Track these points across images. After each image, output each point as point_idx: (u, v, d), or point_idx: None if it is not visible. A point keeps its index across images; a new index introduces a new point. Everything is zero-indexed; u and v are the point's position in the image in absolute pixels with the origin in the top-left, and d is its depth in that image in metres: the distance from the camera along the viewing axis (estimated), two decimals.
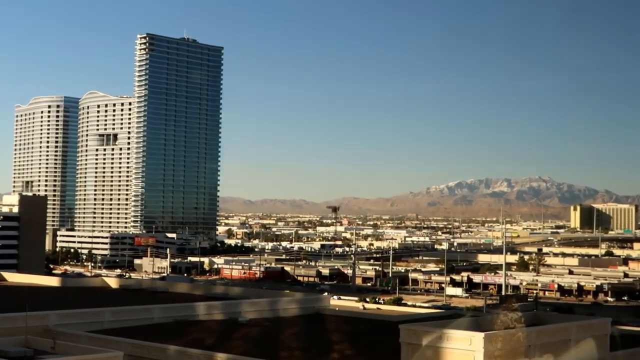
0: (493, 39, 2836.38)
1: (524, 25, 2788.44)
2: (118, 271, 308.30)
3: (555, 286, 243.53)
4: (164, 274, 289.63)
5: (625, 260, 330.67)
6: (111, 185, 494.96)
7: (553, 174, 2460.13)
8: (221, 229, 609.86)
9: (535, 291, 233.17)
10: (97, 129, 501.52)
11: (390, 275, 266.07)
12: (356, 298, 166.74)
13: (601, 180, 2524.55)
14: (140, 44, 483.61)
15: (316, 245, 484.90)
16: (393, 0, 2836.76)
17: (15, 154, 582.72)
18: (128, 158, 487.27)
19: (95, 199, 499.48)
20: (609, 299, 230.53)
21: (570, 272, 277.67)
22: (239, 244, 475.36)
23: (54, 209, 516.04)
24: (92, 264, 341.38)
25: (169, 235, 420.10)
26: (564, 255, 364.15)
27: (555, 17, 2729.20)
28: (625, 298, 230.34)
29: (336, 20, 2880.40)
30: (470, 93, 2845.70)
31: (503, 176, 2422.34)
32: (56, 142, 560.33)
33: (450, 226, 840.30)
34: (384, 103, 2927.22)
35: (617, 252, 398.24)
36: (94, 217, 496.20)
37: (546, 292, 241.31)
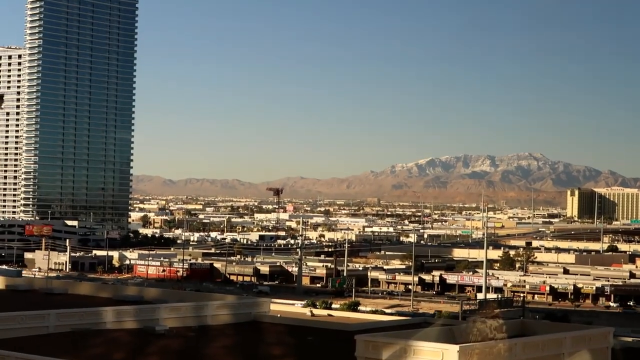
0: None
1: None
2: (4, 267, 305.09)
3: (547, 288, 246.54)
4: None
5: (632, 257, 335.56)
6: None
7: (546, 150, 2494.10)
8: (135, 216, 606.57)
9: (522, 294, 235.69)
10: None
11: (345, 275, 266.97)
12: (303, 302, 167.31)
13: (604, 160, 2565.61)
14: None
15: (254, 236, 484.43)
16: None
17: None
18: (17, 125, 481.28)
19: None
20: (611, 304, 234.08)
21: (566, 272, 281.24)
22: (157, 235, 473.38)
23: None
24: None
25: (69, 223, 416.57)
26: (558, 250, 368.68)
27: None
28: (632, 303, 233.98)
29: None
30: (445, 53, 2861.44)
31: (485, 153, 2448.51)
32: None
33: (419, 214, 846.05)
34: (337, 63, 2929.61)
35: (623, 247, 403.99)
36: None
37: (536, 296, 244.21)
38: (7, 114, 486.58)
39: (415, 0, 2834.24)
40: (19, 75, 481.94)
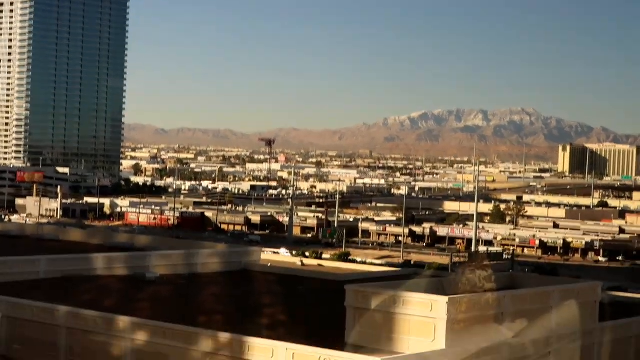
0: None
1: None
2: None
3: (537, 242, 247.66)
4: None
5: (622, 213, 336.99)
6: None
7: (539, 106, 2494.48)
8: (126, 164, 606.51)
9: (512, 248, 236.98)
10: None
11: (335, 225, 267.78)
12: (293, 252, 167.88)
13: (597, 116, 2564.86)
14: None
15: (245, 186, 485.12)
16: None
17: None
18: (9, 72, 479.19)
19: None
20: (600, 258, 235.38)
21: (556, 226, 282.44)
22: (148, 183, 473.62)
23: None
24: None
25: (61, 170, 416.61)
26: (549, 205, 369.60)
27: None
28: (620, 258, 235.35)
29: None
30: (439, 5, 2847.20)
31: (478, 107, 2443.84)
32: None
33: (411, 166, 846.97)
34: (330, 12, 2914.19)
35: (613, 202, 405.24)
36: None
37: (525, 249, 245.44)
38: None
39: None
40: (10, 22, 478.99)
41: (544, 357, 43.80)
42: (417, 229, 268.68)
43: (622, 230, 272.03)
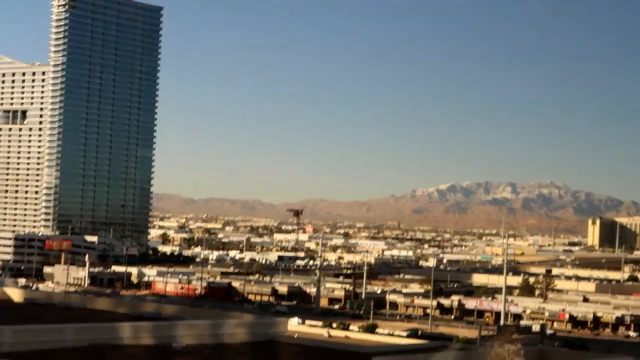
0: (488, 17, 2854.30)
1: (544, 11, 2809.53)
2: (23, 281, 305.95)
3: (567, 316, 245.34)
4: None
5: None
6: (17, 174, 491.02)
7: (568, 179, 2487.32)
8: (154, 233, 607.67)
9: (541, 321, 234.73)
10: (2, 104, 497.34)
11: (363, 297, 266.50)
12: (320, 323, 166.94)
13: (627, 189, 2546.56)
14: None
15: (273, 256, 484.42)
16: None
17: None
18: (39, 141, 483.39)
19: None
20: (631, 333, 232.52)
21: (586, 300, 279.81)
22: (175, 252, 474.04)
23: None
24: None
25: (89, 238, 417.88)
26: (579, 278, 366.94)
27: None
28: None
29: None
30: (467, 78, 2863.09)
31: (507, 180, 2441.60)
32: None
33: (439, 238, 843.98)
34: (359, 86, 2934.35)
35: None
36: None
37: (555, 323, 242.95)
38: (30, 129, 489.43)
39: (439, 23, 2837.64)
40: (42, 92, 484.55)
41: None
42: (445, 302, 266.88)
43: None
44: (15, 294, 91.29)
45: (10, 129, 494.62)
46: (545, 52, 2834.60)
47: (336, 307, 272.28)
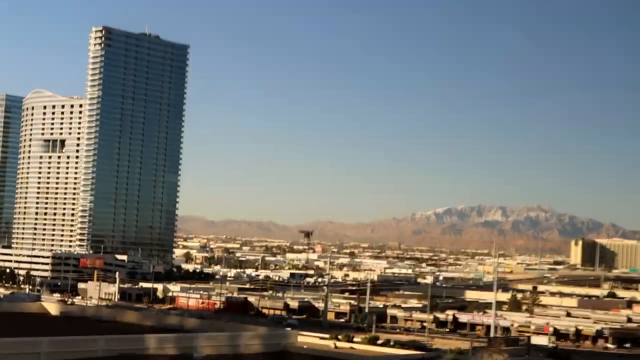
0: (490, 54, 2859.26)
1: (528, 43, 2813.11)
2: (57, 296, 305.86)
3: (551, 329, 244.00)
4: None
5: (630, 303, 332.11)
6: (56, 198, 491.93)
7: (553, 203, 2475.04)
8: (179, 252, 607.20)
9: (527, 334, 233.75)
10: (42, 133, 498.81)
11: (366, 311, 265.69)
12: (327, 335, 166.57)
13: (607, 213, 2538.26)
14: (96, 38, 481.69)
15: (285, 274, 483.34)
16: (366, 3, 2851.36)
17: None
18: (76, 168, 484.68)
19: (36, 213, 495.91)
20: (609, 345, 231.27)
21: (568, 315, 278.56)
22: (197, 270, 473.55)
23: None
24: (30, 287, 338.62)
25: (119, 257, 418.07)
26: (562, 295, 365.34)
27: (563, 34, 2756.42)
28: (628, 345, 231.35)
29: (314, 19, 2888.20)
30: (463, 110, 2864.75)
31: (497, 204, 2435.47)
32: None
33: (436, 257, 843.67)
34: (365, 117, 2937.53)
35: (621, 293, 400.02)
36: (35, 234, 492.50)
37: (540, 335, 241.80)
38: (68, 157, 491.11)
39: (429, 52, 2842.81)
40: (79, 123, 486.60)
41: None
42: (441, 316, 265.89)
43: (629, 319, 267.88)
44: (52, 308, 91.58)
45: (50, 157, 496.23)
46: (537, 83, 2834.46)
47: (342, 320, 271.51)
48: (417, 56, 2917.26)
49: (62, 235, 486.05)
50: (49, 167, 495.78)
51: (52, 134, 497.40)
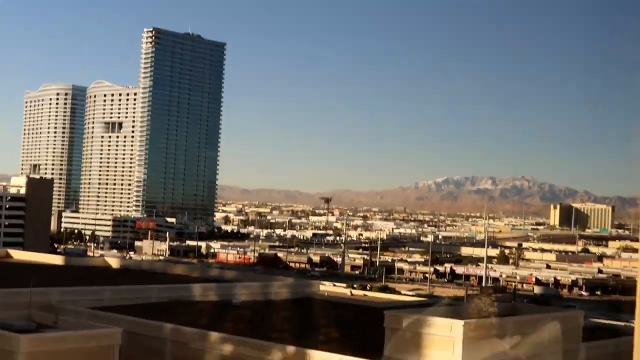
0: (482, 40, 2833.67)
1: (516, 26, 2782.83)
2: (115, 252, 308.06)
3: (533, 279, 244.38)
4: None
5: (600, 258, 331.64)
6: (115, 171, 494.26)
7: (535, 174, 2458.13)
8: (218, 216, 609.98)
9: (513, 284, 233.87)
10: (103, 117, 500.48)
11: (377, 264, 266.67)
12: (344, 284, 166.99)
13: (581, 182, 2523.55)
14: (147, 37, 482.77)
15: (308, 233, 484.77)
16: (394, 4, 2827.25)
17: (24, 137, 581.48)
18: (132, 145, 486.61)
19: (99, 183, 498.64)
20: (583, 293, 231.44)
21: (548, 267, 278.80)
22: (235, 230, 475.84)
23: (59, 191, 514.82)
24: (95, 245, 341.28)
25: (169, 219, 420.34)
26: (543, 250, 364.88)
27: (546, 18, 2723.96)
28: (599, 293, 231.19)
29: (336, 21, 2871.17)
30: (458, 96, 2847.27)
31: (488, 174, 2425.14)
32: (63, 128, 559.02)
33: (436, 220, 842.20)
34: (377, 102, 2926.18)
35: (593, 249, 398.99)
36: (98, 201, 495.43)
37: (524, 285, 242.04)
38: (125, 136, 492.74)
39: (437, 35, 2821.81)
40: (134, 108, 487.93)
41: None
42: (440, 268, 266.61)
43: (600, 271, 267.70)
44: (114, 262, 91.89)
45: (109, 137, 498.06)
46: (522, 59, 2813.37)
47: (357, 272, 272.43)
48: (420, 41, 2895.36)
49: (120, 202, 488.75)
50: (109, 145, 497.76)
51: (111, 117, 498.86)
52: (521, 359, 42.64)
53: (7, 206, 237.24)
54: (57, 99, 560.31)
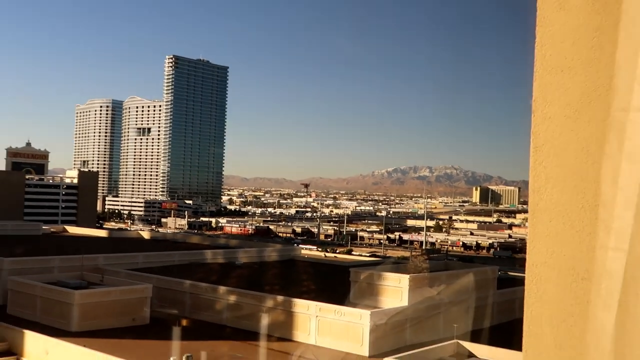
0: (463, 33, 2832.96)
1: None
2: (141, 226, 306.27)
3: (461, 243, 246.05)
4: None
5: (510, 226, 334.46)
6: (145, 165, 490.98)
7: (462, 163, 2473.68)
8: (224, 198, 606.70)
9: (445, 246, 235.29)
10: (136, 124, 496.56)
11: (344, 234, 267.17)
12: (320, 249, 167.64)
13: (495, 169, 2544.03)
14: (168, 62, 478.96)
15: (292, 211, 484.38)
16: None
17: (75, 140, 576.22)
18: (158, 145, 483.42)
19: (133, 174, 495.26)
20: (499, 254, 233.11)
21: (471, 234, 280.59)
22: (237, 209, 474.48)
23: (103, 181, 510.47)
24: (130, 221, 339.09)
25: (187, 201, 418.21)
26: (467, 221, 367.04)
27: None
28: (510, 253, 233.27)
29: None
30: (402, 100, 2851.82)
31: (426, 164, 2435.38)
32: (106, 132, 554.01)
33: (387, 200, 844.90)
34: (341, 104, 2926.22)
35: (505, 220, 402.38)
36: (132, 188, 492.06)
37: (454, 247, 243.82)
38: (152, 139, 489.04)
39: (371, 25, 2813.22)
40: (159, 117, 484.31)
41: (459, 304, 43.50)
42: (391, 236, 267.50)
43: (510, 236, 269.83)
44: (145, 234, 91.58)
45: (141, 139, 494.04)
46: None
47: (329, 240, 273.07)
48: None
49: (150, 188, 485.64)
50: (140, 145, 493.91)
51: (142, 124, 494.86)
52: (449, 301, 43.17)
53: (64, 193, 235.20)
54: (101, 110, 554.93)
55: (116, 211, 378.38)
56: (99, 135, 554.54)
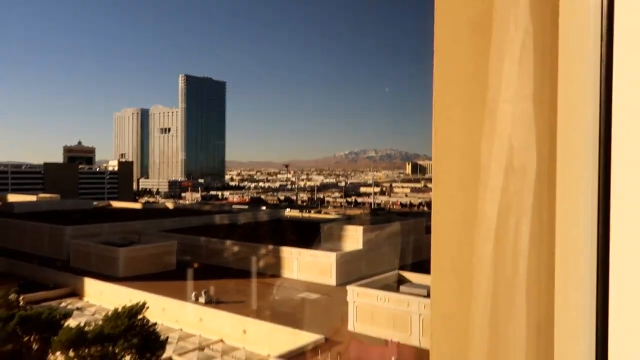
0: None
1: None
2: (160, 199, 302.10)
3: (399, 203, 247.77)
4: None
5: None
6: (167, 156, 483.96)
7: (398, 146, 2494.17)
8: (227, 177, 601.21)
9: (388, 206, 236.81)
10: (159, 126, 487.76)
11: (316, 199, 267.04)
12: (298, 211, 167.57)
13: (422, 149, 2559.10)
14: (182, 79, 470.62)
15: (277, 184, 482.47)
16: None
17: (115, 138, 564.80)
18: (176, 141, 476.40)
19: (159, 162, 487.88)
20: (425, 209, 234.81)
21: (406, 196, 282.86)
22: (236, 185, 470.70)
23: (136, 167, 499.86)
24: (159, 196, 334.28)
25: (200, 180, 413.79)
26: (403, 187, 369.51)
27: None
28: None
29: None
30: (356, 91, 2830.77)
31: (373, 147, 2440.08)
32: (137, 132, 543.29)
33: (346, 174, 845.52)
34: (320, 97, 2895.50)
35: (429, 185, 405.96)
36: (159, 172, 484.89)
37: (394, 206, 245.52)
38: (172, 136, 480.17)
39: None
40: (176, 120, 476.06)
41: (399, 245, 43.89)
42: (350, 199, 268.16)
43: None
44: (170, 205, 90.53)
45: (163, 136, 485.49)
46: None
47: (305, 204, 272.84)
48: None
49: (171, 172, 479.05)
50: (163, 141, 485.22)
51: (164, 125, 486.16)
52: (386, 241, 43.66)
53: (108, 177, 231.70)
54: (132, 116, 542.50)
55: (147, 189, 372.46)
56: (132, 134, 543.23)
